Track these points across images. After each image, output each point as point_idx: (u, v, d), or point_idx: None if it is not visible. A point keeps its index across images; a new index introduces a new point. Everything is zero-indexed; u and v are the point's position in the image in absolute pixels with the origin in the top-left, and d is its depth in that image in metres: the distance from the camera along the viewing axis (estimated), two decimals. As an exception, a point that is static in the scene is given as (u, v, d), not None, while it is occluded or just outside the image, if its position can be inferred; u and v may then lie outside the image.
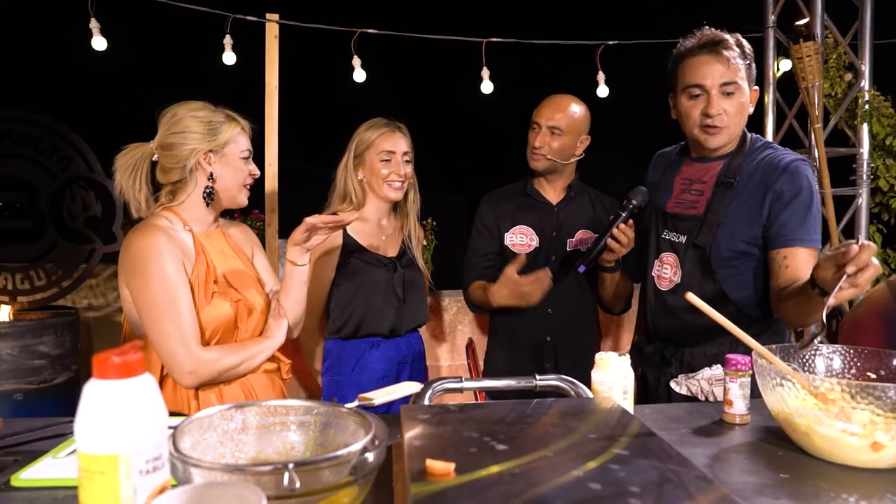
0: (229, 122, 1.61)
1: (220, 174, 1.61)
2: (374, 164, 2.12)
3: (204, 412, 0.87)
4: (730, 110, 1.67)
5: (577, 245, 2.20)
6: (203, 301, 1.53)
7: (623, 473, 0.76)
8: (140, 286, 1.47)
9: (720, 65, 1.65)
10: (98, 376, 0.62)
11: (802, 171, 1.66)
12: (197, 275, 1.54)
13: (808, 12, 3.54)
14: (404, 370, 2.17)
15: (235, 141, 1.62)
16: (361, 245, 2.12)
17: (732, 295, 1.67)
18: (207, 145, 1.58)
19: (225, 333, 1.56)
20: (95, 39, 3.30)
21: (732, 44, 1.67)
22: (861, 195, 3.59)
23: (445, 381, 1.31)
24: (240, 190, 1.66)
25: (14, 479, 0.95)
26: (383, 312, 2.11)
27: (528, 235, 2.21)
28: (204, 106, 1.61)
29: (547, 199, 2.24)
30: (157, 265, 1.46)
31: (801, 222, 1.63)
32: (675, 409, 1.37)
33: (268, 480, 0.70)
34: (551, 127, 2.12)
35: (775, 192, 1.64)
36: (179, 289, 1.48)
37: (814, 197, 1.66)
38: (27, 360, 2.96)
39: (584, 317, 2.24)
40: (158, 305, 1.45)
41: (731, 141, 1.74)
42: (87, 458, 0.61)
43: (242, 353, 1.56)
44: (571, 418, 0.97)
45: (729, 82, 1.66)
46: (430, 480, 0.74)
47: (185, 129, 1.57)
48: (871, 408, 0.98)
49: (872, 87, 3.60)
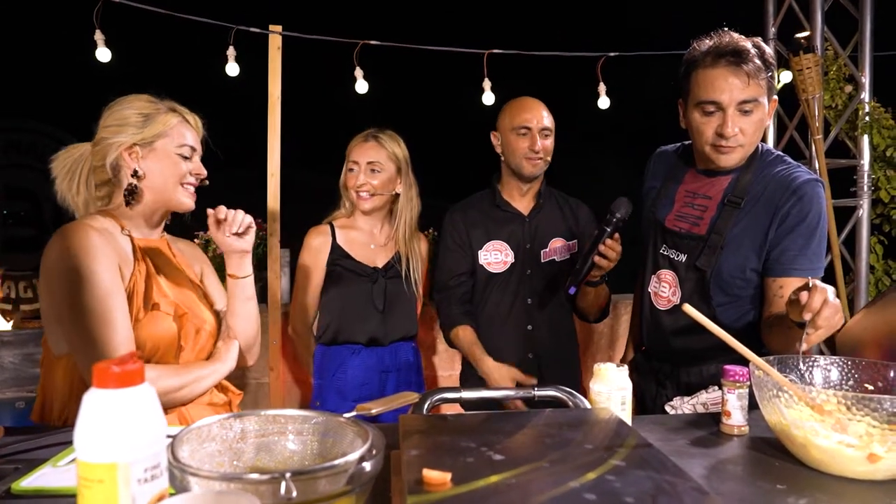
0: (166, 114, 1.44)
1: (147, 170, 1.42)
2: (345, 175, 2.17)
3: (202, 421, 0.87)
4: (747, 129, 1.54)
5: (552, 255, 2.17)
6: (141, 313, 1.34)
7: (620, 484, 0.77)
8: (66, 289, 1.27)
9: (739, 80, 1.49)
10: (97, 385, 0.63)
11: (813, 193, 1.54)
12: (135, 283, 1.36)
13: (808, 25, 3.56)
14: (389, 379, 2.17)
15: (169, 135, 1.44)
16: (348, 253, 2.15)
17: (730, 323, 1.59)
18: (132, 138, 1.41)
19: (165, 353, 1.37)
20: (100, 51, 3.33)
21: (754, 54, 1.50)
22: (862, 206, 3.60)
23: (443, 391, 1.31)
24: (175, 188, 1.45)
25: (15, 487, 0.96)
26: (360, 322, 2.13)
27: (502, 251, 2.16)
28: (141, 97, 1.45)
29: (517, 210, 2.20)
30: (87, 268, 1.27)
31: (801, 250, 1.54)
32: (672, 421, 1.37)
33: (265, 490, 0.70)
34: (542, 129, 2.11)
35: (781, 216, 1.54)
36: (114, 295, 1.28)
37: (821, 222, 1.55)
38: (29, 368, 2.97)
39: (564, 331, 2.22)
40: (88, 312, 1.25)
41: (744, 159, 1.62)
42: (86, 467, 0.62)
43: (186, 375, 1.37)
44: (569, 429, 0.97)
45: (748, 100, 1.51)
46: (427, 490, 0.75)
47: (115, 122, 1.42)
48: (867, 419, 0.98)
49: (873, 98, 3.61)
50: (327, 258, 2.14)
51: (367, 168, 2.13)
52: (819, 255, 1.57)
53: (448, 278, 2.19)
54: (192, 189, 1.50)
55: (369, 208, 2.16)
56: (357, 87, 3.65)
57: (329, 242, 2.15)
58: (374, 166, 2.13)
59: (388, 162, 2.14)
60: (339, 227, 2.20)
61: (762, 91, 1.53)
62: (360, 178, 2.12)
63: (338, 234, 2.17)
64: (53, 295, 1.30)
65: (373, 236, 2.22)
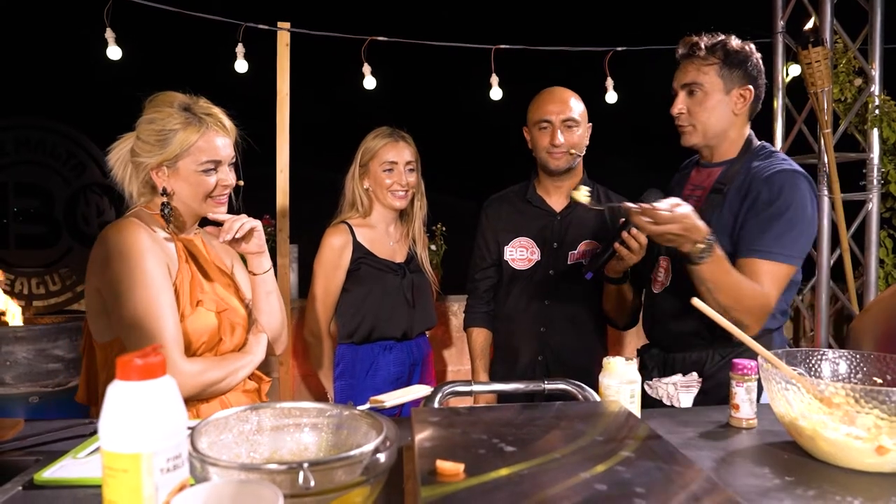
0: (185, 129, 1.43)
1: (175, 188, 1.47)
2: (378, 174, 2.16)
3: (220, 414, 0.89)
4: (693, 109, 1.69)
5: (580, 258, 2.09)
6: (188, 309, 1.41)
7: (630, 475, 0.78)
8: (118, 286, 1.33)
9: (691, 66, 1.69)
10: (121, 378, 0.64)
11: (786, 182, 1.58)
12: (181, 281, 1.43)
13: (817, 17, 3.54)
14: (415, 372, 2.23)
15: (191, 153, 1.44)
16: (371, 251, 2.16)
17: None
18: (156, 159, 1.43)
19: (208, 346, 1.45)
20: (111, 49, 3.36)
21: (705, 47, 1.68)
22: (871, 200, 3.58)
23: (455, 384, 1.33)
24: (202, 203, 1.49)
25: (37, 478, 0.98)
26: (395, 317, 2.14)
27: (528, 249, 2.13)
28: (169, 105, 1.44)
29: (550, 207, 2.15)
30: (139, 264, 1.33)
31: (763, 232, 1.55)
32: (682, 414, 1.39)
33: (283, 479, 0.72)
34: (565, 120, 2.04)
35: (750, 201, 1.60)
36: (164, 292, 1.35)
37: (792, 211, 1.55)
38: (42, 363, 3.00)
39: (581, 335, 2.12)
40: (140, 309, 1.32)
41: (707, 142, 1.71)
42: (110, 457, 0.64)
43: (227, 366, 1.45)
44: (579, 421, 0.98)
45: (690, 83, 1.69)
46: (441, 481, 0.76)
47: (143, 137, 1.45)
48: (875, 412, 0.99)
49: (883, 91, 3.58)
50: (350, 257, 2.14)
51: (406, 168, 2.16)
52: (786, 242, 1.55)
53: (475, 272, 2.24)
54: (222, 198, 1.53)
55: (404, 206, 2.20)
56: (365, 83, 3.66)
57: (350, 241, 2.15)
58: (411, 165, 2.18)
59: (416, 161, 2.20)
60: (355, 226, 2.19)
61: (711, 78, 1.67)
62: (403, 178, 2.15)
63: (357, 233, 2.17)
64: (103, 290, 1.37)
65: (389, 234, 2.24)
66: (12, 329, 2.97)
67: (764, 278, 1.54)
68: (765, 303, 1.55)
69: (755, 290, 1.53)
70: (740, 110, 1.69)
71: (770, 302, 1.55)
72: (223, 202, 1.53)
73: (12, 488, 0.95)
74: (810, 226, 1.59)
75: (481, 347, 2.20)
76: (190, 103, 1.47)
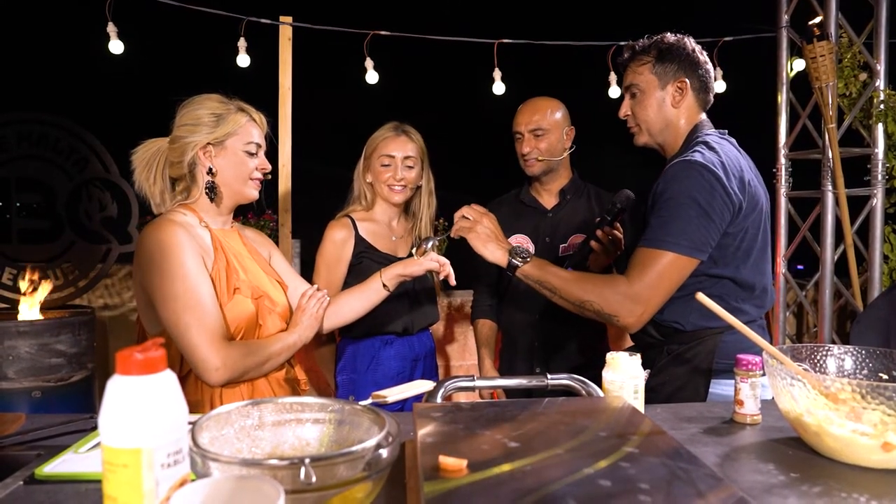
0: (235, 114, 1.57)
1: (220, 167, 1.57)
2: (376, 168, 2.17)
3: (221, 408, 0.89)
4: (635, 110, 1.74)
5: (569, 249, 2.22)
6: (225, 297, 1.49)
7: (634, 471, 0.77)
8: (159, 281, 1.41)
9: (629, 70, 1.75)
10: (121, 372, 0.64)
11: (677, 173, 1.53)
12: (217, 271, 1.51)
13: (822, 12, 3.51)
14: (417, 367, 2.23)
15: (238, 133, 1.57)
16: (373, 245, 2.15)
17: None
18: (206, 138, 1.53)
19: (248, 331, 1.53)
20: (113, 43, 3.35)
21: (639, 48, 1.73)
22: (876, 195, 3.56)
23: (458, 379, 1.32)
24: (244, 183, 1.60)
25: (38, 473, 0.98)
26: (395, 311, 2.14)
27: (524, 244, 2.23)
28: (212, 98, 1.58)
29: (542, 205, 2.28)
30: (176, 259, 1.42)
31: (653, 222, 1.53)
32: (686, 409, 1.38)
33: (284, 475, 0.71)
34: (532, 130, 2.17)
35: (651, 195, 1.60)
36: (202, 283, 1.43)
37: (680, 198, 1.50)
38: (45, 358, 3.01)
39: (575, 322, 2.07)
40: (181, 301, 1.40)
41: (656, 139, 1.74)
42: (111, 451, 0.63)
43: (268, 348, 1.53)
44: (583, 417, 0.98)
45: (629, 85, 1.74)
46: (443, 477, 0.76)
47: (191, 121, 1.54)
48: (882, 408, 0.98)
49: (888, 86, 3.57)
50: (352, 251, 2.14)
51: (404, 163, 2.15)
52: (679, 231, 1.49)
53: (479, 268, 2.31)
54: (258, 183, 1.64)
55: (401, 201, 2.19)
56: (367, 78, 3.66)
57: (353, 235, 2.15)
58: (410, 161, 2.16)
59: (417, 156, 2.18)
60: (358, 219, 2.19)
61: (645, 78, 1.70)
62: (399, 172, 2.14)
63: (359, 227, 2.17)
64: (146, 285, 1.45)
65: (392, 228, 2.23)
66: (14, 324, 2.97)
67: (639, 267, 1.50)
68: (630, 292, 1.50)
69: (608, 282, 1.55)
70: (679, 103, 1.69)
71: (639, 291, 1.49)
72: (258, 186, 1.64)
73: (13, 483, 0.95)
74: (704, 215, 1.49)
75: (486, 337, 2.31)
76: (229, 100, 1.60)
